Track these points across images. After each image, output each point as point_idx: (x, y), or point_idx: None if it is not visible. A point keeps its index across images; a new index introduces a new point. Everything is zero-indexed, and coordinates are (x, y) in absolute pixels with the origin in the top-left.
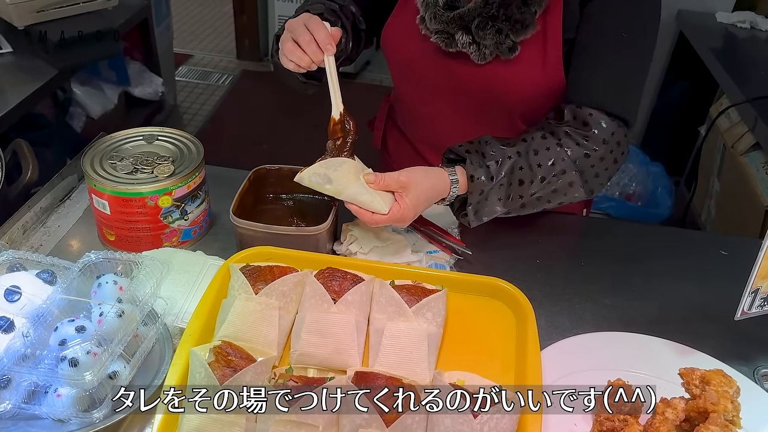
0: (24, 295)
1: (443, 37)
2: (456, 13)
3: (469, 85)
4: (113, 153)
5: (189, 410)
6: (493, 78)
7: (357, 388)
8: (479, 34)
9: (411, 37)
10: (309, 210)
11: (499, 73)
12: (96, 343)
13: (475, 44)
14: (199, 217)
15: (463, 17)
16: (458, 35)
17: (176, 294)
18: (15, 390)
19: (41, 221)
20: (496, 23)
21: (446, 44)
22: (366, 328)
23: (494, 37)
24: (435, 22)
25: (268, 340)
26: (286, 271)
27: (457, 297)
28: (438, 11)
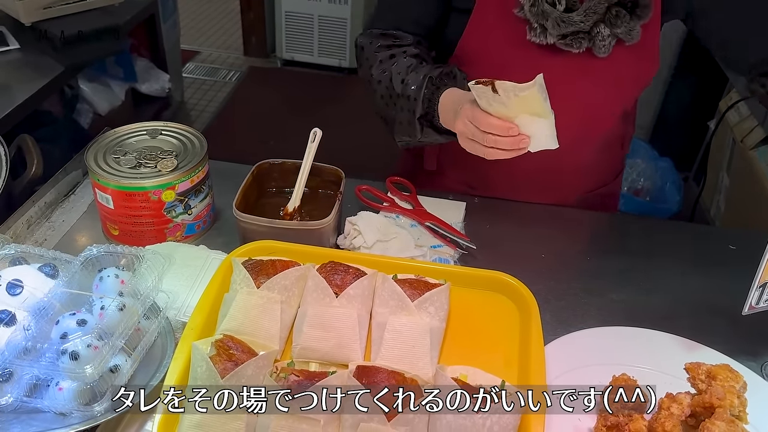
0: (26, 288)
1: (573, 38)
2: (585, 9)
3: (586, 82)
4: (117, 148)
5: (189, 410)
6: (618, 68)
7: (358, 383)
8: (615, 23)
9: (506, 48)
10: (312, 204)
11: (623, 61)
12: (97, 337)
13: (611, 36)
14: (203, 211)
15: (596, 10)
16: (599, 29)
17: (179, 288)
18: (17, 383)
19: (46, 216)
20: (627, 9)
21: (577, 45)
22: (368, 323)
23: (627, 24)
24: (562, 26)
25: (269, 334)
26: (288, 265)
27: (461, 291)
28: (562, 17)
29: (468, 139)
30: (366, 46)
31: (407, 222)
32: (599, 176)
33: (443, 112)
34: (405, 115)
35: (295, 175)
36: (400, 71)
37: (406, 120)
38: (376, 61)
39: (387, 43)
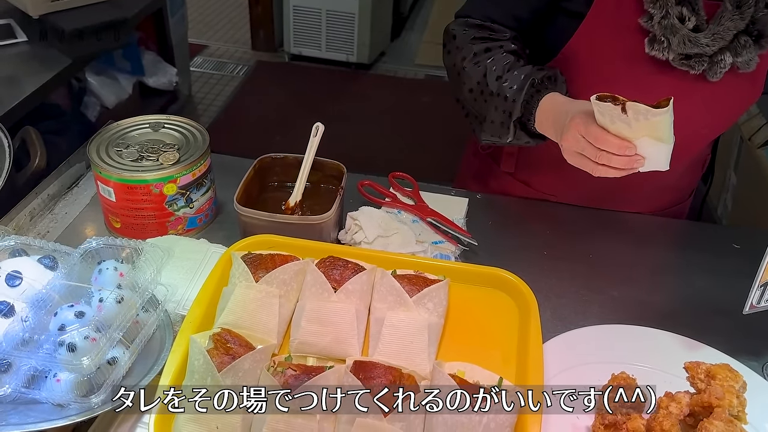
0: (25, 280)
1: (696, 60)
2: (713, 33)
3: (693, 104)
4: (119, 140)
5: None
6: (726, 92)
7: (355, 378)
8: (740, 53)
9: (618, 60)
10: (314, 199)
11: (731, 87)
12: (95, 329)
13: (731, 63)
14: (205, 205)
15: (723, 36)
16: (722, 56)
17: (178, 281)
18: (15, 374)
19: (49, 208)
20: (752, 38)
21: (698, 67)
22: (366, 318)
23: (749, 54)
24: (688, 46)
25: (267, 328)
26: (288, 260)
27: (460, 287)
28: (690, 36)
29: (576, 153)
30: (459, 35)
31: (409, 218)
32: (674, 195)
33: (542, 117)
34: (498, 115)
35: (296, 170)
36: (495, 68)
37: (499, 120)
38: (469, 53)
39: (482, 35)
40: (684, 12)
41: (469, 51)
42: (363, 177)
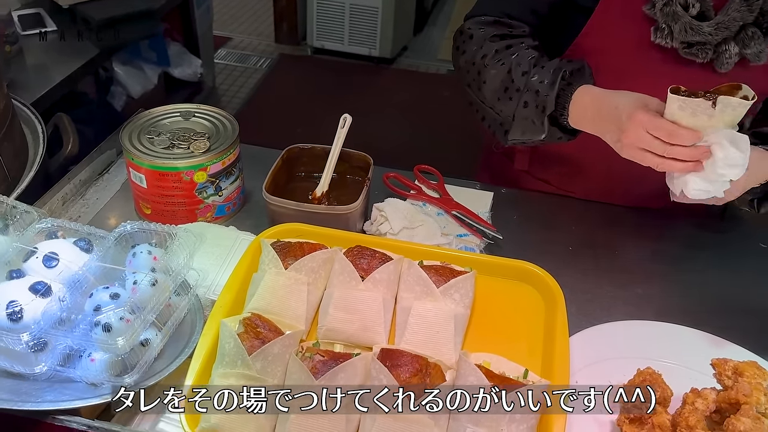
0: (61, 261)
1: (699, 48)
2: (717, 23)
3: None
4: (151, 128)
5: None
6: None
7: (382, 365)
8: (748, 44)
9: (627, 50)
10: (340, 189)
11: (742, 79)
12: (129, 310)
13: (738, 54)
14: (233, 193)
15: (728, 27)
16: (727, 46)
17: (209, 266)
18: (51, 353)
19: (80, 193)
20: (762, 30)
21: (702, 56)
22: (393, 307)
23: (759, 46)
24: (689, 34)
25: (296, 314)
26: (316, 248)
27: (486, 280)
28: (692, 23)
29: (638, 148)
30: (476, 33)
31: (434, 210)
32: None
33: (579, 112)
34: (529, 112)
35: (324, 161)
36: (521, 63)
37: (531, 117)
38: (490, 51)
39: (501, 32)
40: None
41: (489, 49)
42: (387, 170)
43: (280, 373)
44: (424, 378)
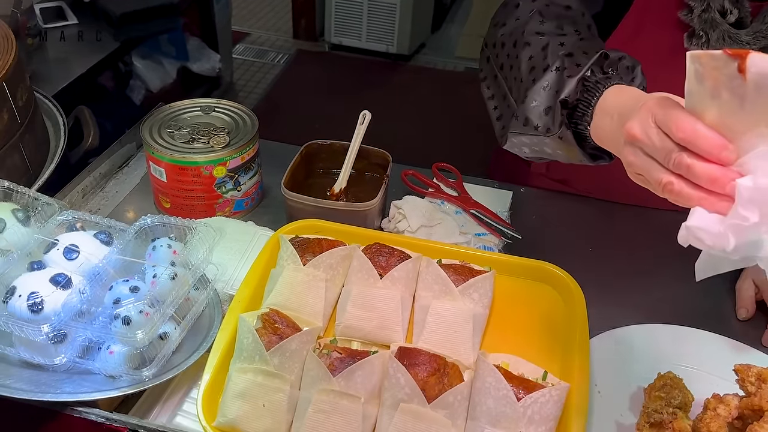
0: (82, 253)
1: None
2: (755, 31)
3: None
4: (171, 122)
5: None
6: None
7: (400, 363)
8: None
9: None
10: (359, 186)
11: None
12: (149, 304)
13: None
14: (252, 189)
15: (766, 35)
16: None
17: (227, 261)
18: (70, 344)
19: (100, 186)
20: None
21: None
22: (411, 306)
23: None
24: (727, 42)
25: (314, 311)
26: (334, 245)
27: (506, 279)
28: (729, 32)
29: (643, 154)
30: (523, 4)
31: (452, 209)
32: None
33: (601, 119)
34: (543, 97)
35: (342, 157)
36: (564, 43)
37: (543, 105)
38: (534, 20)
39: (556, 11)
40: (726, 5)
41: (534, 25)
42: (405, 167)
43: (297, 369)
44: (442, 377)
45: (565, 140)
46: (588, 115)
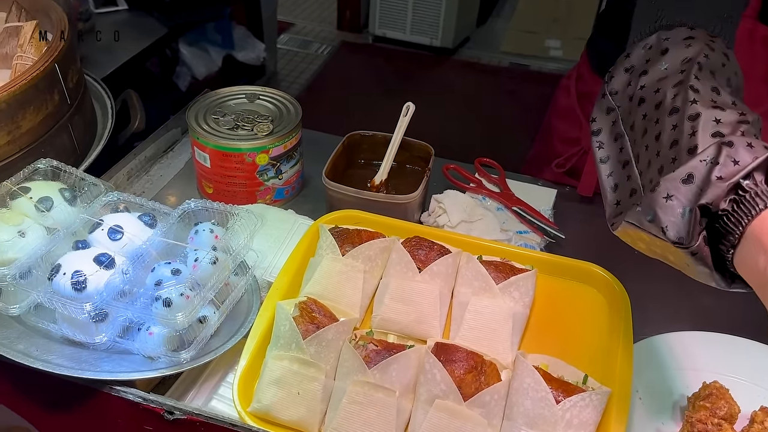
0: (126, 235)
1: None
2: None
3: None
4: (217, 108)
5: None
6: None
7: (437, 360)
8: None
9: (752, 77)
10: (399, 178)
11: None
12: (189, 287)
13: None
14: (293, 177)
15: None
16: None
17: (267, 248)
18: (111, 324)
19: (145, 169)
20: None
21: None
22: (449, 301)
23: None
24: None
25: (351, 302)
26: (374, 236)
27: (548, 279)
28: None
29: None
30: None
31: (494, 205)
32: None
33: (754, 247)
34: (682, 193)
35: (384, 148)
36: (720, 118)
37: (681, 203)
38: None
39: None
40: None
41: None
42: (447, 161)
43: (333, 359)
44: (479, 376)
45: (699, 258)
46: (735, 235)
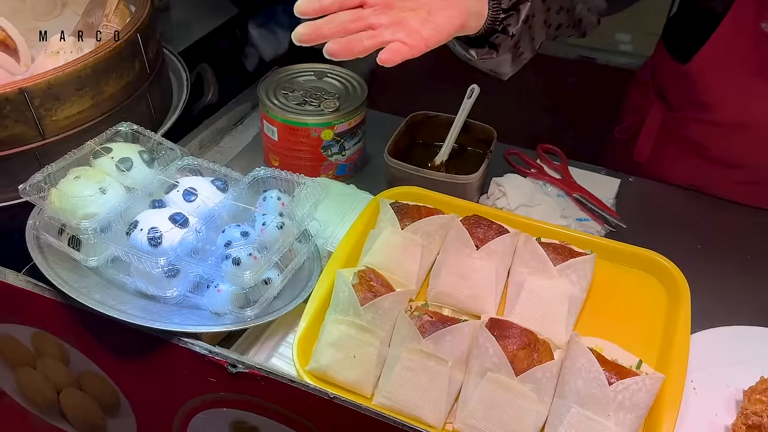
0: (199, 197)
1: None
2: None
3: None
4: (286, 84)
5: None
6: None
7: (491, 335)
8: None
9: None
10: (459, 160)
11: None
12: (257, 248)
13: None
14: (355, 154)
15: None
16: None
17: (328, 220)
18: (182, 279)
19: (215, 141)
20: None
21: None
22: (505, 280)
23: None
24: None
25: (408, 274)
26: (433, 213)
27: (606, 265)
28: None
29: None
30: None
31: (554, 191)
32: None
33: None
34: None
35: (446, 130)
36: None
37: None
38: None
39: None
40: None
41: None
42: (508, 146)
43: (388, 327)
44: (532, 353)
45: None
46: None
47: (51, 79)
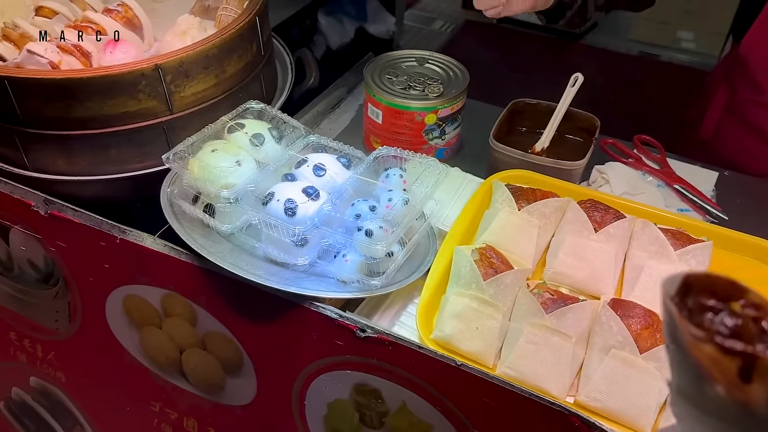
0: (328, 172)
1: None
2: None
3: None
4: (390, 69)
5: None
6: None
7: (614, 313)
8: None
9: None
10: (560, 148)
11: None
12: (387, 222)
13: None
14: (454, 139)
15: None
16: None
17: (443, 199)
18: (312, 248)
19: (316, 123)
20: None
21: None
22: (622, 264)
23: None
24: None
25: (525, 253)
26: (548, 195)
27: (720, 253)
28: None
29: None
30: None
31: (654, 181)
32: None
33: None
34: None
35: (546, 118)
36: None
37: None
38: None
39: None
40: None
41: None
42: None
43: (509, 302)
44: (655, 333)
45: None
46: None
47: (183, 57)
